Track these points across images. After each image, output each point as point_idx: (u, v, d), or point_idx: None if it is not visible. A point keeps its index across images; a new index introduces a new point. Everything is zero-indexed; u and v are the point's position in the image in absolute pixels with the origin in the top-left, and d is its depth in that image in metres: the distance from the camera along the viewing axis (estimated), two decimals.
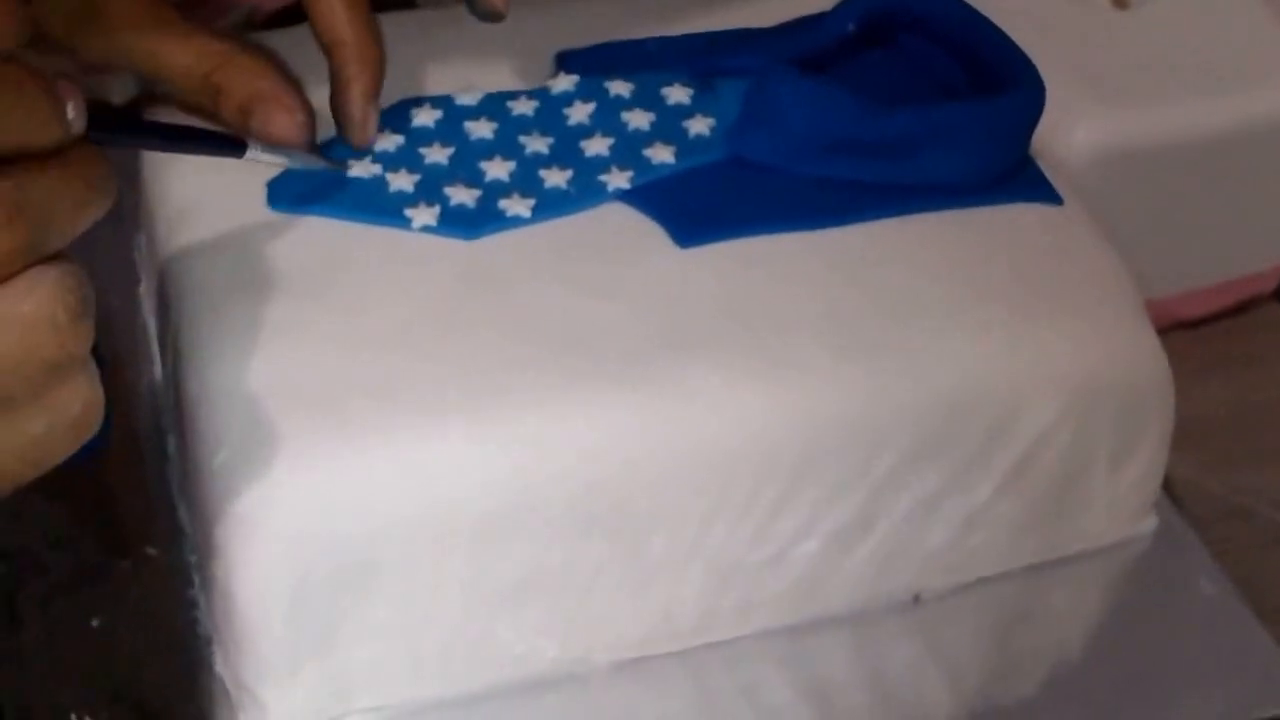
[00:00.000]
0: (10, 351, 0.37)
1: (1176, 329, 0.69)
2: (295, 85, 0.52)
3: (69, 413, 0.39)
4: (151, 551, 0.52)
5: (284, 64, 0.54)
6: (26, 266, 0.37)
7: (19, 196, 0.36)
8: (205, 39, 0.51)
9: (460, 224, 0.51)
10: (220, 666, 0.48)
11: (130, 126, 0.46)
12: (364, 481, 0.45)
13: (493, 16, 0.54)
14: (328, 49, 0.52)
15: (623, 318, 0.49)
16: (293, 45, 0.56)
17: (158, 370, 0.55)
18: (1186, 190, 0.67)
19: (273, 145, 0.49)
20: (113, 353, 0.57)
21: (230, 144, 0.48)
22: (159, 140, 0.49)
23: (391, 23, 0.53)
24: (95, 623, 0.50)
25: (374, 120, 0.52)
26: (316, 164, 0.51)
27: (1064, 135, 0.64)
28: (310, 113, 0.51)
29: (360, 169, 0.52)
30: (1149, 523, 0.56)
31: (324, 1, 0.51)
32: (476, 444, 0.46)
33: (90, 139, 0.38)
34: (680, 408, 0.48)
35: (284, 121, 0.51)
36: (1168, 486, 0.57)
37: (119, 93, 0.61)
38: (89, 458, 0.54)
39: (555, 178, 0.52)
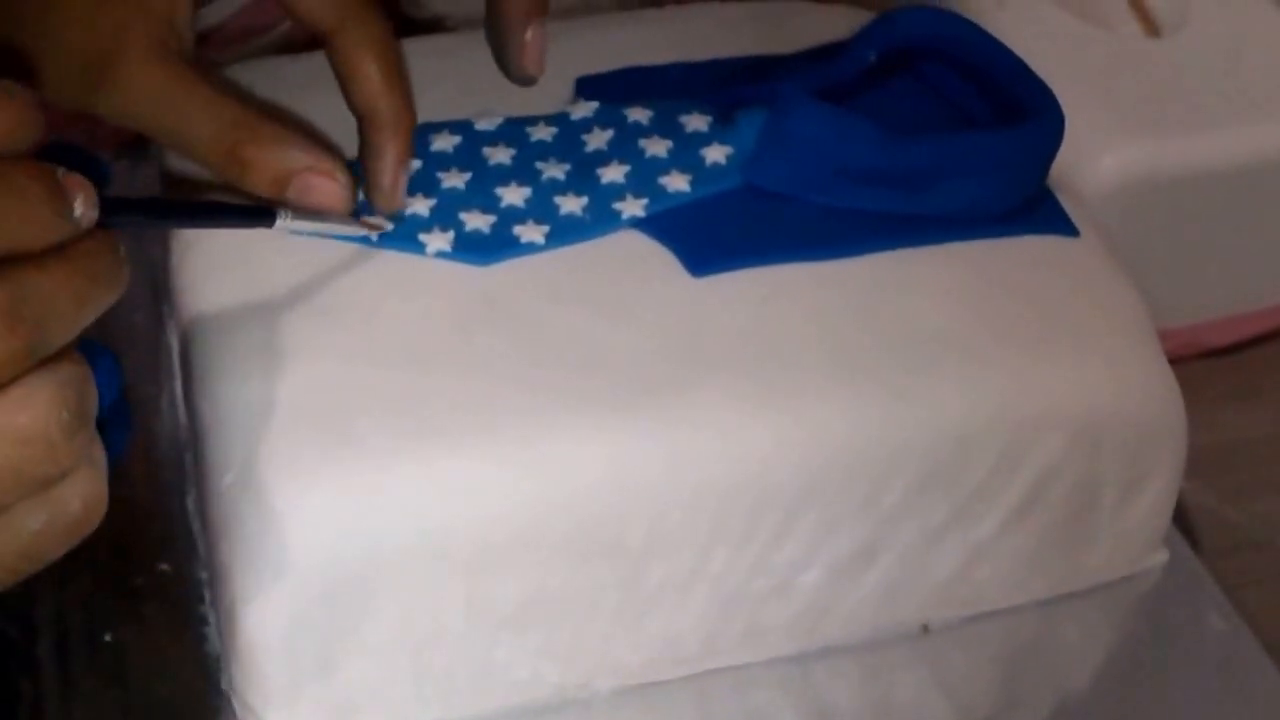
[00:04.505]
0: (4, 464, 0.35)
1: (1201, 357, 0.69)
2: (328, 148, 0.50)
3: (69, 510, 0.38)
4: (165, 568, 0.53)
5: (311, 127, 0.53)
6: (26, 371, 0.35)
7: (17, 300, 0.35)
8: (227, 105, 0.48)
9: (474, 250, 0.51)
10: (226, 685, 0.49)
11: (147, 209, 0.43)
12: (370, 504, 0.46)
13: (527, 81, 0.55)
14: (361, 116, 0.50)
15: (633, 345, 0.49)
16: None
17: (178, 387, 0.56)
18: (1213, 218, 0.67)
19: (307, 213, 0.48)
20: (135, 369, 0.58)
21: (258, 214, 0.46)
22: (181, 219, 0.48)
23: (412, 48, 0.53)
24: (108, 638, 0.51)
25: (404, 186, 0.51)
26: (353, 231, 0.50)
27: (1092, 162, 0.64)
28: (351, 176, 0.49)
29: None
30: (1159, 557, 0.56)
31: (360, 70, 0.50)
32: (482, 469, 0.46)
33: (106, 224, 0.37)
34: (686, 435, 0.48)
35: (326, 188, 0.48)
36: (1187, 515, 0.57)
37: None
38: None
39: (570, 204, 0.52)
